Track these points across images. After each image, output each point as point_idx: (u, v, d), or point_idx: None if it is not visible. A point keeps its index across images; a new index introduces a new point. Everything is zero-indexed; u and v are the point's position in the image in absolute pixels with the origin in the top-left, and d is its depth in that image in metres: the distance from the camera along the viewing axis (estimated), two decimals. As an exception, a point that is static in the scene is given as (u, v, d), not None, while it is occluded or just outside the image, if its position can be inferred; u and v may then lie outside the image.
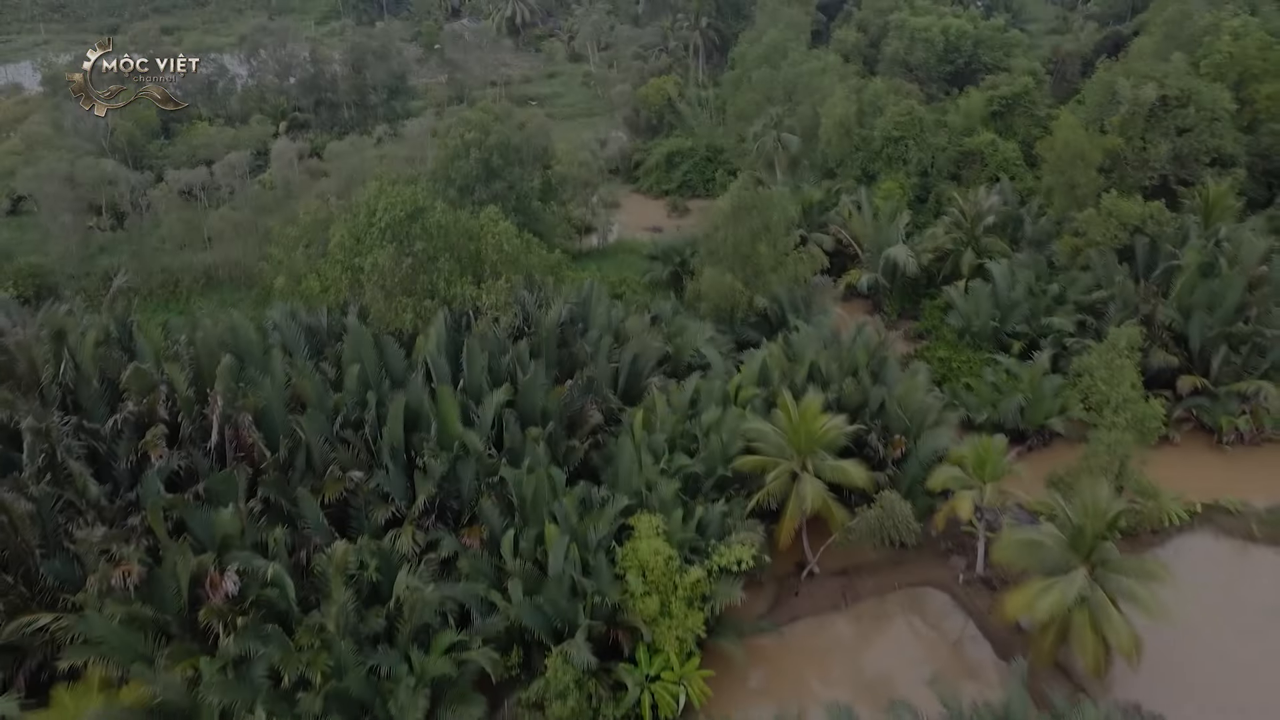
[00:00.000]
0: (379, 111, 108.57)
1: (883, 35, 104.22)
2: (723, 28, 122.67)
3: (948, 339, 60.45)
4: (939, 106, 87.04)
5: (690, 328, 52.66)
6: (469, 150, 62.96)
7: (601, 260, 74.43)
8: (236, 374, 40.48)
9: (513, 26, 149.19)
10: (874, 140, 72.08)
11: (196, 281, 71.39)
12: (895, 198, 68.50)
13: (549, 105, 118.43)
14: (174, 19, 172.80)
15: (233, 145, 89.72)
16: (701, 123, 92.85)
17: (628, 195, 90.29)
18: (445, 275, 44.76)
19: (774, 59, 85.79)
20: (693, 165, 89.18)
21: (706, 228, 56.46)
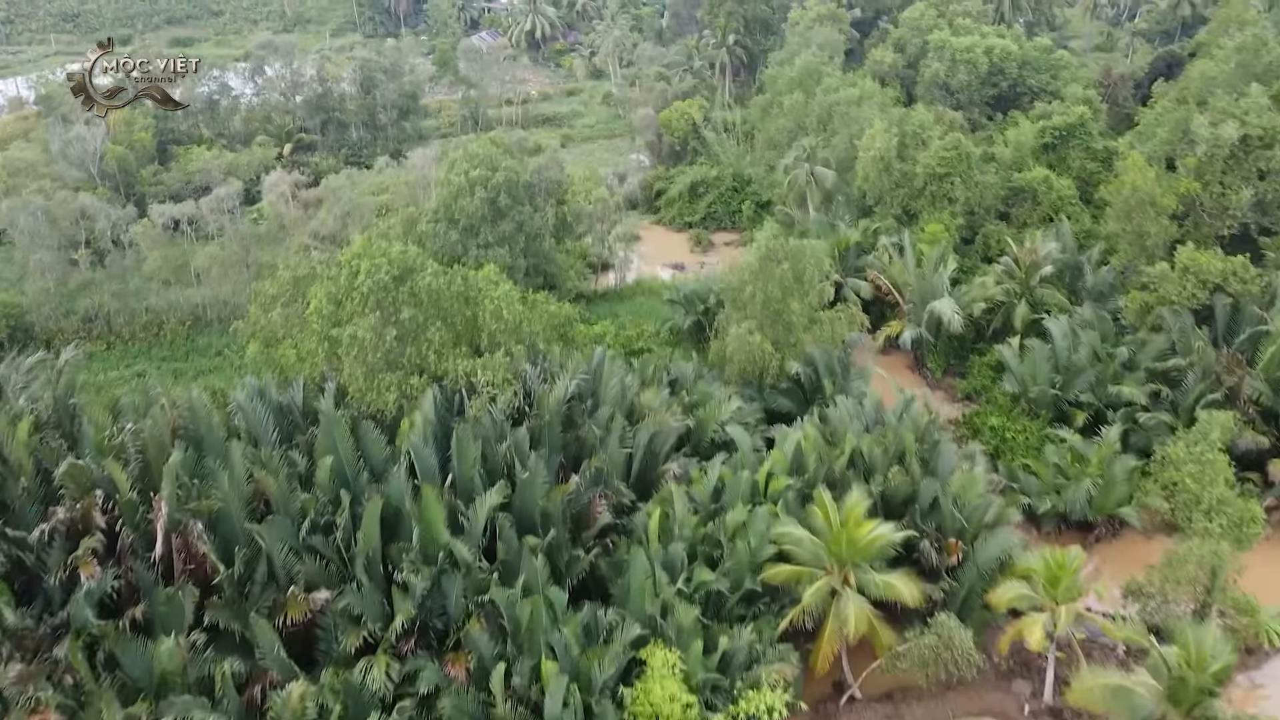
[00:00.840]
0: (389, 132, 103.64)
1: (921, 56, 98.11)
2: (750, 45, 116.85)
3: (1000, 404, 54.42)
4: (985, 136, 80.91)
5: (714, 396, 46.98)
6: (474, 189, 57.65)
7: (618, 303, 68.82)
8: (192, 467, 35.17)
9: (532, 41, 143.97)
10: (916, 177, 66.09)
11: (183, 323, 66.46)
12: (940, 242, 62.46)
13: (567, 125, 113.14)
14: (187, 30, 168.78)
15: (231, 170, 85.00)
16: (728, 150, 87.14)
17: (648, 227, 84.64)
18: (436, 347, 39.25)
19: (807, 84, 79.97)
20: (718, 196, 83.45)
21: (732, 281, 50.68)
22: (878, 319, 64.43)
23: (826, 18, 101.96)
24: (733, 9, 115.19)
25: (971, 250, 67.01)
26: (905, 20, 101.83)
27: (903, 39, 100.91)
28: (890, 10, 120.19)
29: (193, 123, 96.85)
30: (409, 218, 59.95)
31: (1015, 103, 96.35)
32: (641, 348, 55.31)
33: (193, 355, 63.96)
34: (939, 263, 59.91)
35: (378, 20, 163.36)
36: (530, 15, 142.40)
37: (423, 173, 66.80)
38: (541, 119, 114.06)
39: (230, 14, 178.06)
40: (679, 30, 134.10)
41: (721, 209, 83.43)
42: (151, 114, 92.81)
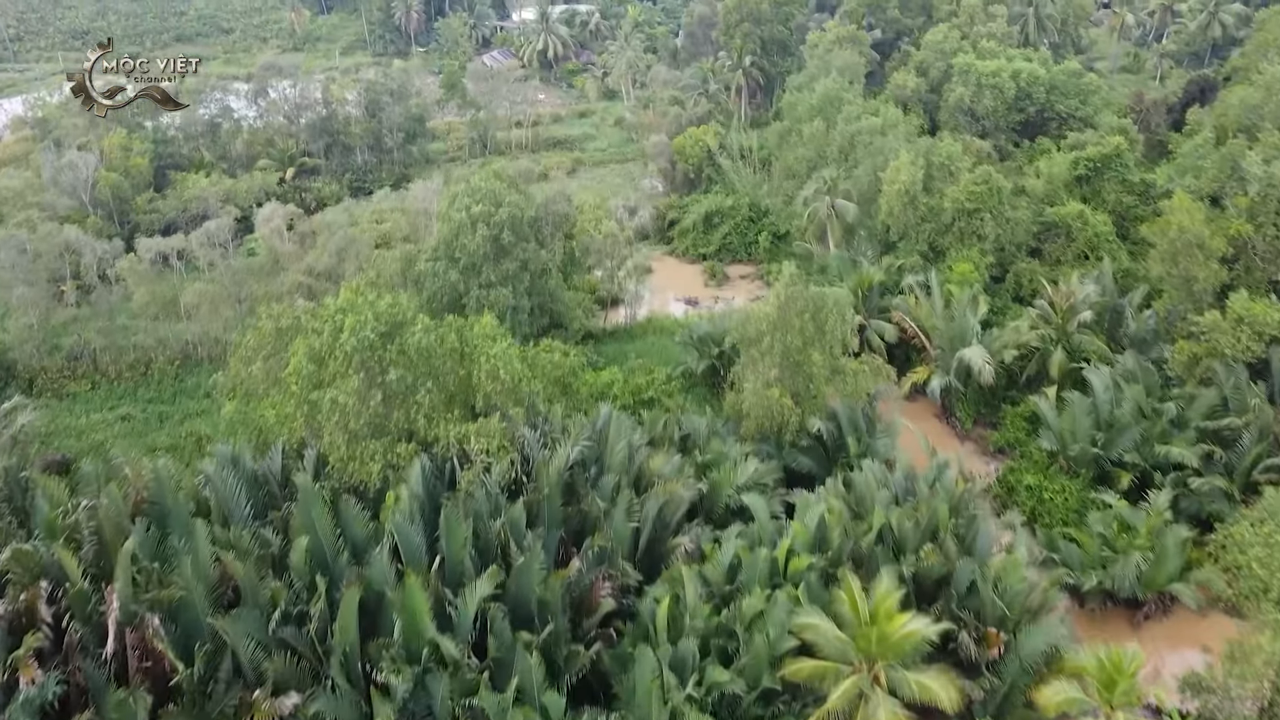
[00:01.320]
0: (395, 156, 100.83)
1: (945, 80, 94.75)
2: (767, 66, 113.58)
3: (1036, 460, 50.70)
4: (1014, 166, 77.33)
5: (729, 455, 43.54)
6: (475, 225, 54.46)
7: (628, 343, 65.42)
8: (154, 549, 31.87)
9: (545, 60, 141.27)
10: (944, 212, 62.58)
11: (171, 361, 63.42)
12: (970, 284, 58.92)
13: (579, 148, 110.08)
14: (196, 47, 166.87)
15: (229, 198, 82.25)
16: (744, 178, 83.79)
17: (660, 258, 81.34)
18: (426, 410, 35.90)
19: (827, 112, 76.61)
20: (734, 227, 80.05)
21: (749, 332, 47.19)
22: (903, 362, 61.01)
23: (846, 40, 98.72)
24: (749, 30, 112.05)
25: (1002, 289, 63.38)
26: (928, 43, 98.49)
27: (925, 62, 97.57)
28: (911, 32, 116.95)
29: (193, 146, 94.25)
30: (407, 255, 56.80)
31: (1043, 128, 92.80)
32: (652, 397, 51.83)
33: (180, 397, 60.83)
34: (969, 306, 56.32)
35: (388, 39, 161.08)
36: (542, 35, 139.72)
37: (423, 205, 63.66)
38: (552, 142, 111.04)
39: (240, 32, 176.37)
40: (694, 51, 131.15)
41: (737, 240, 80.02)
42: (150, 138, 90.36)
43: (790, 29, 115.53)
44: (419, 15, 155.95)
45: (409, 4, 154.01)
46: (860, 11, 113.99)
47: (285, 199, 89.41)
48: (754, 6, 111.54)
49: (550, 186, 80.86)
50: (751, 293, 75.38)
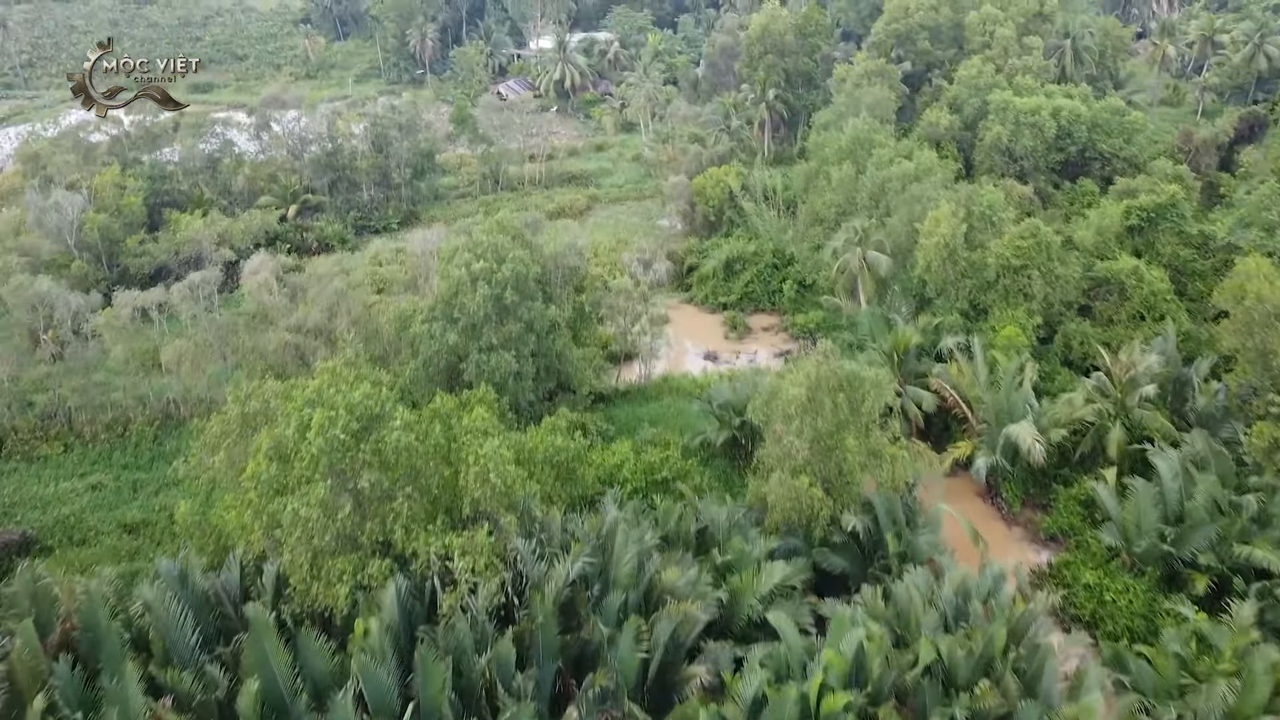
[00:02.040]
0: (403, 192, 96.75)
1: (980, 117, 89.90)
2: (792, 99, 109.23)
3: (1095, 553, 45.46)
4: (1057, 213, 72.25)
5: (752, 555, 38.59)
6: (476, 284, 49.90)
7: (642, 405, 60.57)
8: (78, 695, 27.14)
9: (561, 90, 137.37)
10: (987, 268, 57.56)
11: (151, 421, 59.16)
12: (1017, 347, 53.81)
13: (594, 184, 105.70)
14: (208, 75, 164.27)
15: (225, 239, 78.11)
16: (768, 221, 79.01)
17: (678, 306, 76.58)
18: (404, 520, 31.11)
19: (857, 154, 71.87)
20: (756, 274, 75.19)
21: (775, 411, 42.27)
22: (941, 431, 56.02)
23: (875, 74, 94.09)
24: (773, 62, 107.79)
25: (1049, 352, 58.17)
26: (962, 79, 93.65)
27: (959, 99, 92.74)
28: (942, 64, 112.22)
29: (193, 183, 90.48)
30: (402, 315, 52.27)
31: (1084, 169, 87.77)
32: (666, 477, 46.86)
33: (158, 462, 56.39)
34: (1017, 377, 51.19)
35: (402, 67, 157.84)
36: (560, 64, 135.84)
37: (422, 258, 59.21)
38: (567, 177, 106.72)
39: (254, 58, 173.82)
40: (715, 82, 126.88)
41: (760, 289, 75.13)
42: (146, 174, 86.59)
43: (816, 61, 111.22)
44: (434, 44, 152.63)
45: (424, 32, 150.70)
46: (888, 43, 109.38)
47: (286, 239, 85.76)
48: (778, 38, 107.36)
49: (563, 229, 76.38)
50: (775, 346, 70.52)
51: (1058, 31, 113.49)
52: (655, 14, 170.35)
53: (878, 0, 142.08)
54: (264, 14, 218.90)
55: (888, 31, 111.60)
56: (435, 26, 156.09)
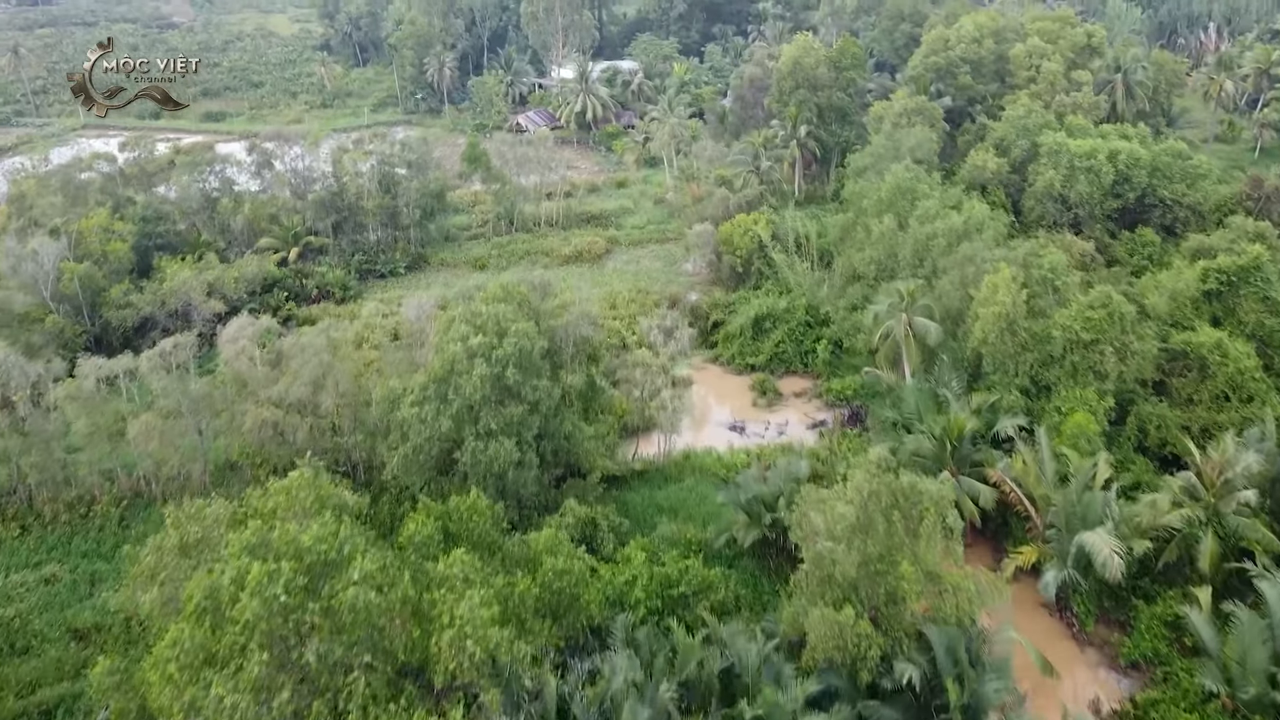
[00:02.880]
0: (411, 234, 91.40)
1: (1029, 160, 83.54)
2: (825, 136, 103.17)
3: (1187, 690, 38.77)
4: (1121, 272, 65.60)
5: (786, 710, 32.25)
6: (474, 361, 44.02)
7: (660, 487, 54.35)
8: None
9: (583, 122, 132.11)
10: (1053, 342, 51.05)
11: (118, 500, 53.66)
12: (1088, 435, 47.27)
13: (615, 224, 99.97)
14: (221, 102, 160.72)
15: (216, 288, 72.98)
16: (800, 274, 72.76)
17: (702, 365, 70.40)
18: (361, 698, 25.03)
19: (899, 205, 65.65)
20: (788, 333, 68.94)
21: (818, 526, 35.96)
22: (998, 527, 49.50)
23: (915, 112, 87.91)
24: (805, 97, 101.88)
25: (1122, 437, 51.48)
26: (1009, 118, 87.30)
27: (1006, 139, 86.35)
28: (984, 98, 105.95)
29: (190, 224, 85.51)
30: (391, 394, 46.40)
31: (1143, 216, 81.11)
32: (684, 592, 40.51)
33: (122, 550, 50.70)
34: (1091, 477, 44.60)
35: (419, 97, 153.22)
36: (581, 95, 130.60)
37: (417, 324, 53.40)
38: (585, 216, 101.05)
39: (270, 85, 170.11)
40: (743, 115, 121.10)
41: (791, 349, 68.83)
42: (139, 215, 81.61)
43: (850, 95, 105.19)
44: (452, 73, 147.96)
45: (441, 61, 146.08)
46: (927, 78, 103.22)
47: (284, 285, 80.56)
48: (810, 71, 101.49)
49: (576, 285, 70.58)
50: (808, 414, 64.17)
51: (1108, 65, 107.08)
52: (681, 42, 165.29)
53: (914, 30, 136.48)
54: (285, 39, 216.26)
55: (926, 65, 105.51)
56: (454, 55, 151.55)
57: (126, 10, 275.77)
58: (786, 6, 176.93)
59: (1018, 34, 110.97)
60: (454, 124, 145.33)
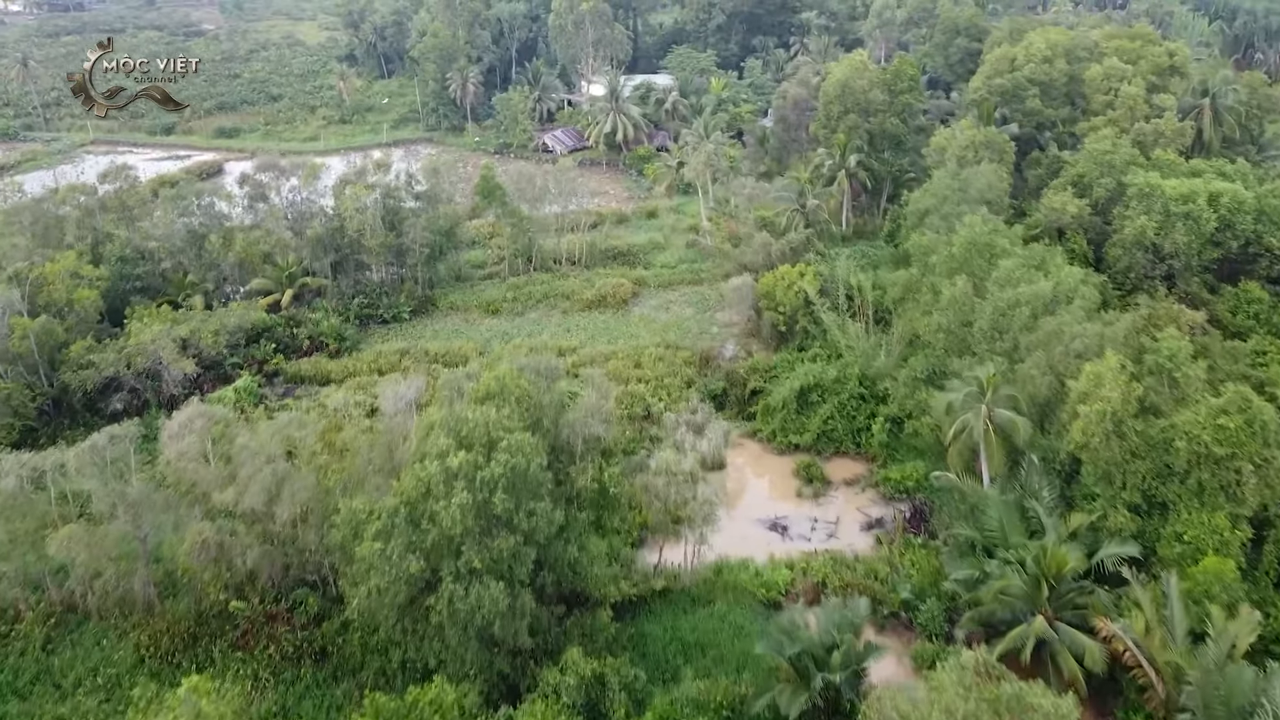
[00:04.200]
0: (419, 274, 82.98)
1: (1113, 201, 73.32)
2: (876, 166, 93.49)
3: None
4: (1241, 349, 55.38)
5: None
6: (454, 484, 35.26)
7: (684, 613, 45.20)
8: None
9: (612, 143, 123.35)
10: (1176, 454, 41.31)
11: (47, 616, 45.44)
12: (1225, 582, 37.54)
13: (643, 262, 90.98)
14: (237, 116, 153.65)
15: (192, 343, 65.03)
16: (852, 337, 63.21)
17: (740, 442, 61.17)
18: None
19: (972, 262, 56.04)
20: (838, 407, 59.59)
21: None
22: (1104, 685, 39.84)
23: (982, 146, 77.98)
24: (855, 123, 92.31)
25: (1259, 575, 41.58)
26: (1089, 153, 77.05)
27: (1086, 177, 76.11)
28: (1054, 124, 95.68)
29: (175, 263, 77.64)
30: (352, 519, 37.68)
31: (1246, 267, 70.73)
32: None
33: (43, 681, 42.59)
34: (1233, 646, 34.88)
35: (441, 113, 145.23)
36: (611, 115, 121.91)
37: (395, 418, 44.55)
38: (612, 253, 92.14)
39: (289, 99, 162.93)
40: (785, 138, 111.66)
41: (842, 426, 59.44)
42: (117, 254, 73.78)
43: (905, 120, 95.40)
44: (476, 88, 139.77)
45: (464, 76, 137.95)
46: (991, 102, 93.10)
47: (273, 335, 72.59)
48: (862, 95, 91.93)
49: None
50: (862, 509, 54.74)
51: (1193, 89, 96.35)
52: (719, 54, 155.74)
53: (970, 45, 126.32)
54: (310, 48, 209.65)
55: (990, 88, 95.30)
56: (478, 69, 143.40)
57: (156, 17, 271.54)
58: (831, 17, 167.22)
59: (1091, 53, 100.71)
60: (477, 142, 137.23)
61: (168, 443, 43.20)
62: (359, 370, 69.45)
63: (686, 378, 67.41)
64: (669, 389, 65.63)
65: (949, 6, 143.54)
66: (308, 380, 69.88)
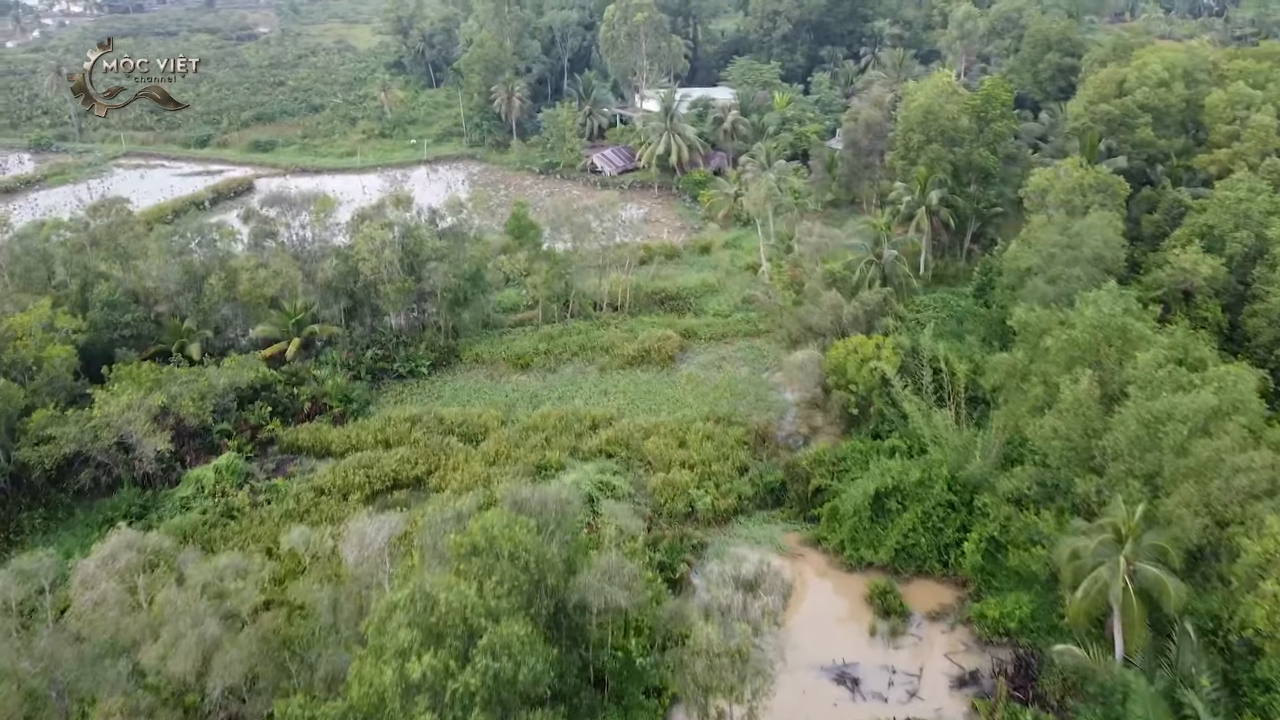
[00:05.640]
0: (442, 321, 74.19)
1: (1253, 258, 61.62)
2: (961, 204, 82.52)
3: None
4: None
5: None
6: (415, 701, 25.90)
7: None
8: None
9: (665, 165, 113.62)
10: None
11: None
12: None
13: (693, 309, 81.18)
14: (275, 128, 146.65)
15: (170, 412, 56.82)
16: (939, 428, 52.57)
17: (800, 551, 51.20)
18: None
19: (1100, 352, 45.16)
20: (921, 516, 49.14)
21: None
22: None
23: (1093, 189, 66.66)
24: (938, 154, 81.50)
25: None
26: (1222, 200, 65.24)
27: (1218, 229, 64.41)
28: (1167, 157, 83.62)
29: (172, 306, 69.76)
30: None
31: None
32: None
33: None
34: None
35: (485, 127, 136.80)
36: (665, 135, 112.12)
37: (360, 566, 35.22)
38: (658, 297, 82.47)
39: (330, 110, 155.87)
40: (854, 164, 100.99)
41: (926, 540, 48.97)
42: (105, 299, 65.95)
43: (996, 150, 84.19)
44: (522, 102, 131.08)
45: (510, 89, 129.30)
46: (1096, 132, 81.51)
47: (270, 396, 64.16)
48: (948, 123, 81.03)
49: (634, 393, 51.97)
50: (951, 657, 44.21)
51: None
52: (784, 66, 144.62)
53: (1063, 61, 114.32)
54: (360, 54, 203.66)
55: (1094, 115, 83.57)
56: (525, 82, 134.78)
57: (211, 20, 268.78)
58: (905, 26, 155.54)
59: (1209, 75, 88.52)
60: (521, 160, 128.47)
61: (78, 590, 34.41)
62: (362, 442, 60.68)
63: (739, 462, 57.54)
64: (717, 478, 55.85)
65: (1037, 16, 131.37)
66: (306, 451, 61.34)
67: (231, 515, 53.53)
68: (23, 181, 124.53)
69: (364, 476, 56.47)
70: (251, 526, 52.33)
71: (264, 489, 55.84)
